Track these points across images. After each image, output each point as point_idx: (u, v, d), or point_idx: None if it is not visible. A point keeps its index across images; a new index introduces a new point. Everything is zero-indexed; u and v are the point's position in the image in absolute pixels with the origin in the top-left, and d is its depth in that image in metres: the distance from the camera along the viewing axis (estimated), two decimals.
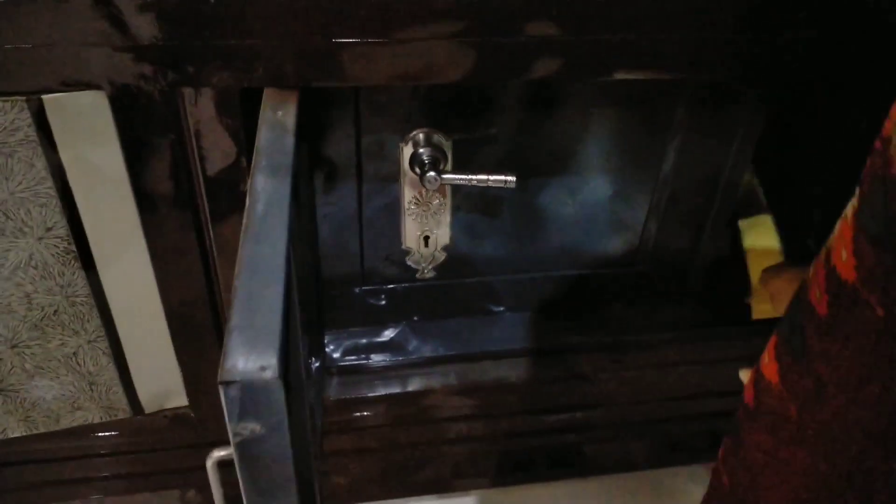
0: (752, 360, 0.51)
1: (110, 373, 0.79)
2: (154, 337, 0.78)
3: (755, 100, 0.85)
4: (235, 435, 0.40)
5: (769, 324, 0.49)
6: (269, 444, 0.41)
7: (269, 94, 0.61)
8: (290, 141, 0.56)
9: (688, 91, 0.84)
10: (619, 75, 0.65)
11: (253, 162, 0.53)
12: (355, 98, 0.78)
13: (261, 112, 0.59)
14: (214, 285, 0.76)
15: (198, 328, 0.78)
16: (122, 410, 0.83)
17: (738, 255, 0.96)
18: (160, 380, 0.82)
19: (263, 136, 0.56)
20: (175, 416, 0.86)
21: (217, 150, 0.65)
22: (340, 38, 0.59)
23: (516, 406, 0.96)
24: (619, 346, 0.97)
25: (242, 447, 0.40)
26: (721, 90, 0.84)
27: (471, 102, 0.81)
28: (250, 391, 0.38)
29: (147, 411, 0.85)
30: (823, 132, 1.02)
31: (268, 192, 0.51)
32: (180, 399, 0.85)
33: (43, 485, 0.90)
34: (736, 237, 0.97)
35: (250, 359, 0.39)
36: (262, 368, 0.38)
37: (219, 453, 0.53)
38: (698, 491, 1.03)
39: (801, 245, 1.07)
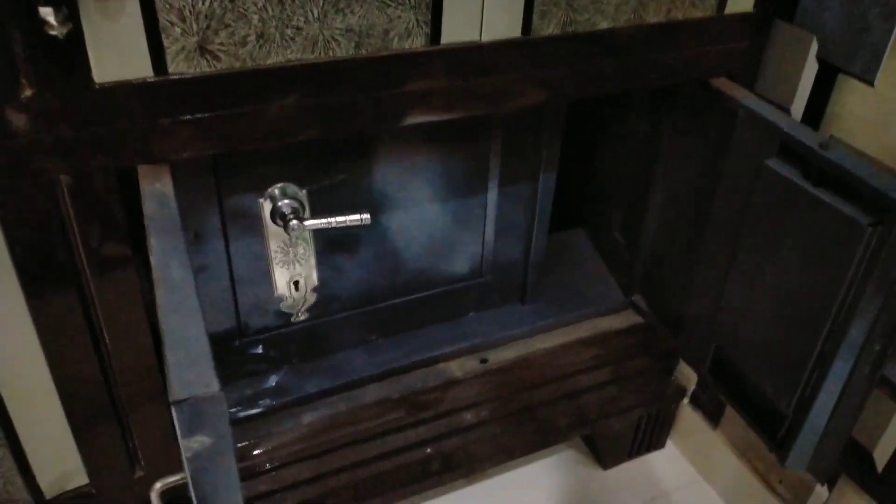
0: (587, 345, 0.63)
1: (8, 462, 0.80)
2: (48, 420, 0.81)
3: (552, 122, 1.03)
4: (187, 450, 0.47)
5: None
6: (217, 453, 0.48)
7: (143, 171, 0.68)
8: (173, 205, 0.64)
9: (498, 123, 1.00)
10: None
11: (147, 227, 0.60)
12: (214, 166, 0.86)
13: (141, 185, 0.66)
14: (105, 359, 0.80)
15: (92, 404, 0.81)
16: (24, 501, 0.84)
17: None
18: (58, 462, 0.84)
19: (149, 205, 0.64)
20: (77, 496, 0.87)
21: (95, 225, 0.70)
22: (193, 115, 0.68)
23: (404, 419, 1.05)
24: (481, 348, 1.10)
25: (194, 460, 0.48)
26: (526, 121, 1.01)
27: (318, 154, 0.92)
28: (198, 406, 0.46)
29: (48, 497, 0.86)
30: (613, 142, 1.23)
31: (166, 248, 0.58)
32: (80, 478, 0.87)
33: None
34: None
35: (193, 380, 0.47)
36: (206, 385, 0.46)
37: (162, 482, 0.58)
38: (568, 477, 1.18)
39: (609, 239, 1.28)
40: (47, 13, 0.58)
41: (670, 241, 1.10)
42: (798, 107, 1.00)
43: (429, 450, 1.11)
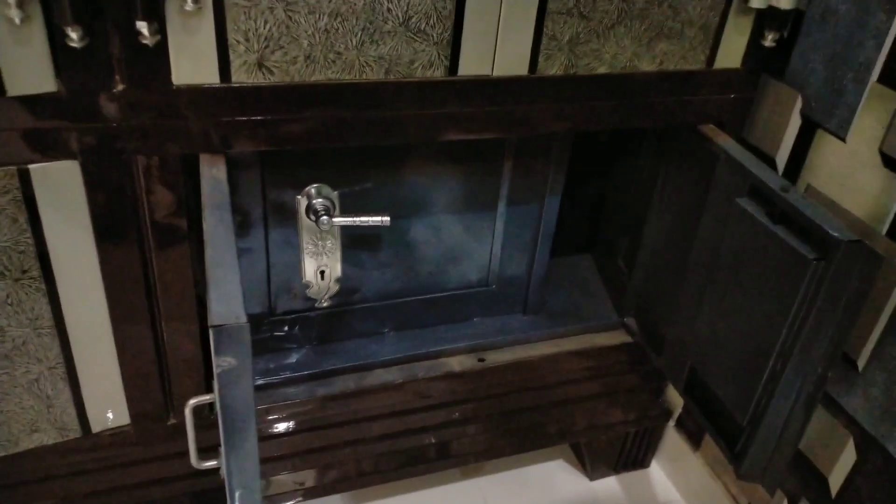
0: (580, 356, 0.74)
1: (66, 395, 0.95)
2: (103, 364, 0.95)
3: (559, 151, 1.16)
4: (217, 366, 0.61)
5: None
6: (240, 373, 0.62)
7: (204, 158, 0.84)
8: (225, 188, 0.79)
9: (510, 148, 1.14)
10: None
11: (203, 202, 0.75)
12: (261, 162, 1.02)
13: (201, 170, 0.81)
14: (156, 317, 0.95)
15: (142, 356, 0.96)
16: (74, 431, 0.99)
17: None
18: (107, 402, 0.99)
19: (206, 185, 0.79)
20: (117, 434, 1.02)
21: (161, 200, 0.86)
22: (248, 117, 0.84)
23: (404, 404, 1.18)
24: (481, 348, 1.22)
25: (222, 376, 0.62)
26: (535, 149, 1.15)
27: (350, 161, 1.06)
28: (229, 332, 0.60)
29: (93, 431, 1.00)
30: (622, 174, 1.36)
31: (217, 219, 0.73)
32: (122, 419, 1.02)
33: None
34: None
35: (227, 313, 0.61)
36: (237, 317, 0.60)
37: (195, 399, 0.72)
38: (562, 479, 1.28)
39: (612, 265, 1.39)
40: (142, 26, 0.74)
41: (660, 270, 1.22)
42: (783, 155, 1.12)
43: (425, 436, 1.23)
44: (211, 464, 0.75)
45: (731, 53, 1.03)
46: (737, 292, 1.00)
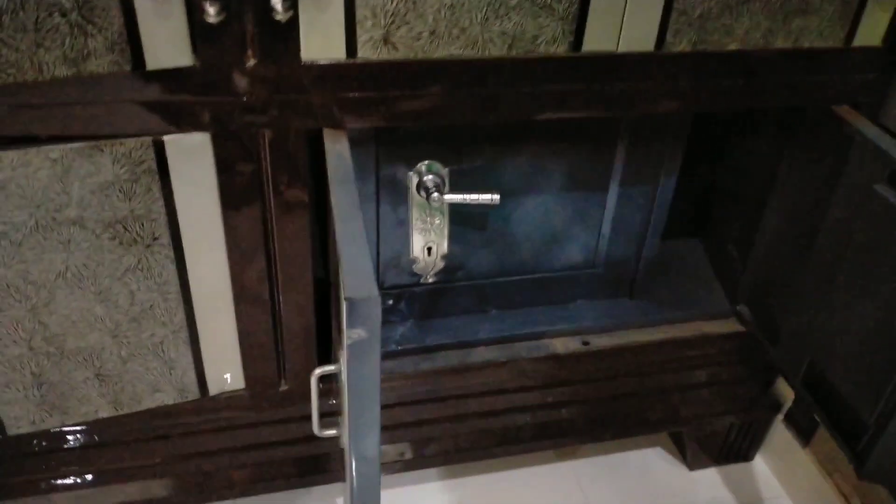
0: (688, 344, 0.71)
1: (187, 359, 0.99)
2: (223, 331, 0.99)
3: (676, 132, 1.12)
4: (348, 338, 0.62)
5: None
6: (369, 346, 0.63)
7: (327, 133, 0.85)
8: (349, 163, 0.80)
9: (626, 128, 1.10)
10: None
11: (329, 177, 0.76)
12: (376, 139, 1.02)
13: (326, 145, 0.82)
14: (275, 288, 0.97)
15: (259, 324, 0.99)
16: (192, 393, 1.03)
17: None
18: (224, 366, 1.03)
19: (331, 160, 0.80)
20: (232, 397, 1.06)
21: (285, 173, 0.88)
22: (372, 92, 0.84)
23: (506, 382, 1.18)
24: (585, 331, 1.20)
25: (352, 347, 0.63)
26: (650, 129, 1.11)
27: (462, 139, 1.06)
28: (360, 305, 0.61)
29: (210, 393, 1.05)
30: (737, 159, 1.30)
31: (343, 194, 0.74)
32: (238, 383, 1.05)
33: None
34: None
35: (360, 287, 0.61)
36: (369, 291, 0.61)
37: (320, 369, 0.74)
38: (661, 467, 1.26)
39: (723, 250, 1.34)
40: (277, 2, 0.75)
41: (779, 258, 1.16)
42: None
43: (524, 416, 1.23)
44: (331, 432, 0.77)
45: (872, 30, 0.96)
46: (868, 284, 0.94)
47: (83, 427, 1.03)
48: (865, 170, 0.95)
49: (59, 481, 1.06)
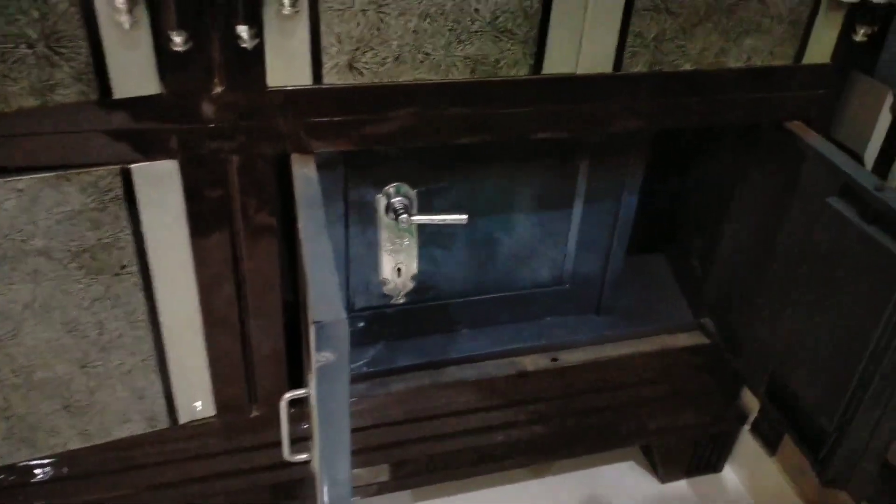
0: (654, 357, 0.74)
1: (157, 387, 0.99)
2: (193, 358, 0.99)
3: (637, 150, 1.15)
4: (317, 361, 0.63)
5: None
6: (337, 368, 0.64)
7: (295, 158, 0.86)
8: (317, 187, 0.81)
9: (588, 147, 1.13)
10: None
11: (296, 200, 0.77)
12: (344, 162, 1.04)
13: (293, 169, 0.83)
14: (244, 313, 0.97)
15: (229, 351, 0.99)
16: (162, 421, 1.02)
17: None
18: (194, 394, 1.02)
19: (299, 185, 0.81)
20: (203, 425, 1.05)
21: (253, 198, 0.88)
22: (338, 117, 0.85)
23: (476, 402, 1.19)
24: (554, 348, 1.22)
25: (320, 371, 0.63)
26: (612, 147, 1.14)
27: (429, 161, 1.07)
28: (328, 328, 0.61)
29: (181, 422, 1.04)
30: (699, 174, 1.34)
31: (311, 217, 0.75)
32: (208, 411, 1.05)
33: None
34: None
35: (328, 310, 0.62)
36: (336, 314, 0.62)
37: (290, 394, 0.74)
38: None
39: (686, 264, 1.37)
40: (243, 30, 0.76)
41: (740, 270, 1.20)
42: (871, 153, 1.08)
43: (497, 434, 1.24)
44: (302, 457, 0.77)
45: (821, 48, 1.00)
46: (825, 294, 0.97)
47: (53, 460, 1.02)
48: (818, 183, 0.98)
49: None
